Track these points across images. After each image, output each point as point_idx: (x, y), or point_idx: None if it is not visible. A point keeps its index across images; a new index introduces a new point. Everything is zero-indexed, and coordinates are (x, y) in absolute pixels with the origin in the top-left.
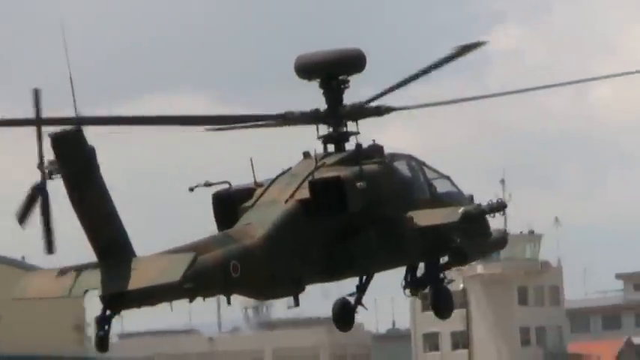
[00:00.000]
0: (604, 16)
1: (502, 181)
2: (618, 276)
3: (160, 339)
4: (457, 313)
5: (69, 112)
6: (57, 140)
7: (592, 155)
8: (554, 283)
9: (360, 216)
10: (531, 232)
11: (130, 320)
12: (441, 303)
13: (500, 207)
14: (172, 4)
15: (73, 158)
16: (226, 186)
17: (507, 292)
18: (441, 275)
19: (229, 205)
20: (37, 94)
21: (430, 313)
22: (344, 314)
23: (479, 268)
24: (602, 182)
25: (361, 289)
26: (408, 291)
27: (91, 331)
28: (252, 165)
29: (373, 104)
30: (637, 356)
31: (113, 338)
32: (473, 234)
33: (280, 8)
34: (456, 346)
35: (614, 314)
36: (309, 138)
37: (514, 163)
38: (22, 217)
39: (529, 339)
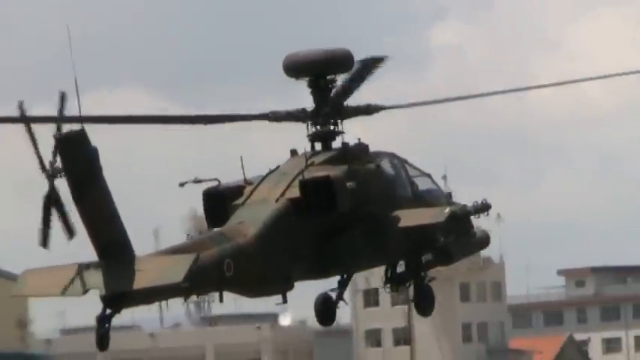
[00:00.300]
0: (546, 12)
1: (444, 177)
2: (560, 272)
3: None
4: (399, 310)
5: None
6: (62, 141)
7: (533, 151)
8: (496, 280)
9: (348, 215)
10: None
11: (72, 315)
12: (424, 300)
13: (484, 208)
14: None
15: (77, 159)
16: (216, 183)
17: (449, 288)
18: (423, 273)
19: (220, 202)
20: (63, 96)
21: (372, 310)
22: (326, 309)
23: None
24: (544, 179)
25: (342, 284)
26: (388, 287)
27: (34, 327)
28: (242, 163)
29: (363, 104)
30: (578, 352)
31: (55, 334)
32: (458, 234)
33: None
34: (397, 342)
35: (556, 310)
36: (296, 137)
37: (456, 159)
38: (43, 236)
39: (471, 335)
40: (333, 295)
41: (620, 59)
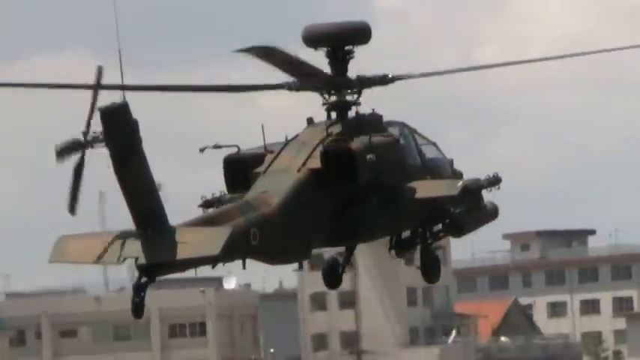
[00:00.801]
0: None
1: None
2: (505, 236)
3: (47, 298)
4: (345, 274)
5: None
6: (106, 114)
7: (479, 115)
8: (440, 244)
9: (366, 186)
10: None
11: (17, 280)
12: (432, 268)
13: (496, 181)
14: None
15: (120, 131)
16: (235, 149)
17: None
18: (431, 242)
19: (241, 169)
20: (100, 70)
21: (317, 273)
22: (333, 272)
23: None
24: (489, 143)
25: (350, 249)
26: (394, 252)
27: None
28: (263, 131)
29: (379, 74)
30: (523, 316)
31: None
32: (470, 206)
33: None
34: (343, 306)
35: (501, 275)
36: (307, 105)
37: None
38: (72, 203)
39: (416, 299)
40: (341, 258)
41: (565, 23)
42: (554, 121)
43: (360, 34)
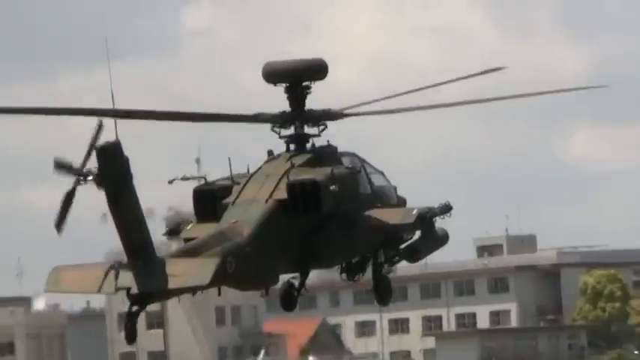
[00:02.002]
0: None
1: (197, 160)
2: None
3: None
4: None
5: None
6: (101, 151)
7: None
8: None
9: (328, 215)
10: None
11: None
12: (384, 291)
13: (447, 209)
14: None
15: (113, 167)
16: (202, 181)
17: None
18: (383, 267)
19: (210, 199)
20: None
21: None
22: (289, 296)
23: (173, 246)
24: None
25: (305, 273)
26: (344, 275)
27: None
28: (229, 163)
29: (329, 108)
30: (332, 335)
31: None
32: (423, 233)
33: None
34: (151, 325)
35: (310, 294)
36: (259, 137)
37: (210, 143)
38: (59, 223)
39: (224, 318)
40: (296, 282)
41: (371, 41)
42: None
43: (316, 70)
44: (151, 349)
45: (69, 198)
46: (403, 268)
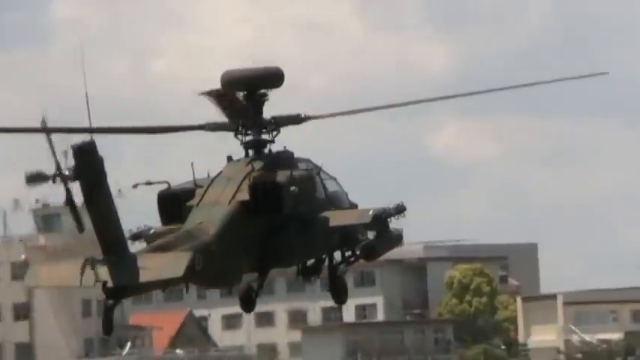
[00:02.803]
0: None
1: None
2: None
3: None
4: (19, 285)
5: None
6: (77, 150)
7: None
8: None
9: (288, 216)
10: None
11: None
12: (340, 290)
13: (402, 209)
14: None
15: (89, 167)
16: (165, 185)
17: None
18: (339, 266)
19: (175, 203)
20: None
21: None
22: (248, 297)
23: (41, 239)
24: (163, 155)
25: (262, 275)
26: (301, 277)
27: None
28: (192, 168)
29: (292, 113)
30: (198, 328)
31: None
32: (379, 232)
33: None
34: (17, 317)
35: (177, 286)
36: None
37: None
38: (78, 223)
39: (90, 310)
40: (254, 284)
41: (239, 33)
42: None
43: (273, 78)
44: (17, 340)
45: (71, 203)
46: None
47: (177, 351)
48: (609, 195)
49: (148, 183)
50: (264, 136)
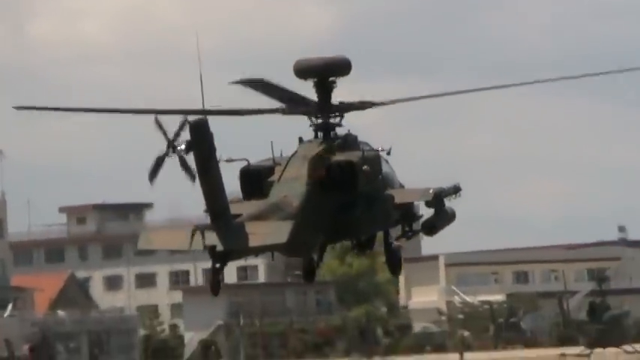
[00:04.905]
0: None
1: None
2: (62, 209)
3: None
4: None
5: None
6: (194, 127)
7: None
8: None
9: (359, 193)
10: None
11: None
12: (396, 262)
13: (458, 189)
14: None
15: (203, 141)
16: (245, 162)
17: None
18: (405, 239)
19: (256, 178)
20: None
21: None
22: (311, 268)
23: None
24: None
25: (322, 248)
26: (355, 250)
27: None
28: (272, 147)
29: (356, 100)
30: (80, 289)
31: None
32: (437, 210)
33: None
34: None
35: (58, 248)
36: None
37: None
38: (152, 178)
39: None
40: (315, 256)
41: None
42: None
43: (341, 67)
44: None
45: (160, 162)
46: (151, 222)
47: (59, 312)
48: (489, 155)
49: (229, 160)
50: (332, 120)
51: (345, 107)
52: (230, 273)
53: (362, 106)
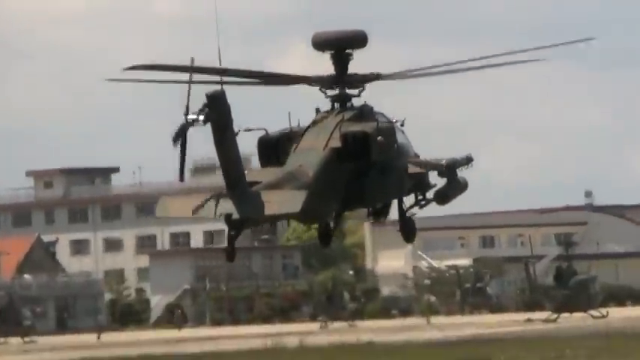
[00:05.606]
0: None
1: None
2: (28, 173)
3: None
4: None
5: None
6: (211, 98)
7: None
8: None
9: (374, 162)
10: None
11: None
12: (410, 230)
13: (470, 160)
14: None
15: (221, 111)
16: (264, 132)
17: None
18: (419, 207)
19: (274, 148)
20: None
21: None
22: (326, 232)
23: None
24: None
25: (340, 214)
26: (371, 217)
27: None
28: (289, 117)
29: (373, 72)
30: (47, 253)
31: None
32: (449, 180)
33: None
34: None
35: (24, 212)
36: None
37: None
38: (175, 140)
39: None
40: (331, 222)
41: None
42: (73, 61)
43: (358, 40)
44: None
45: (183, 148)
46: (118, 187)
47: (25, 276)
48: (456, 120)
49: (248, 129)
50: (349, 91)
51: (360, 79)
52: (196, 237)
53: (378, 78)
